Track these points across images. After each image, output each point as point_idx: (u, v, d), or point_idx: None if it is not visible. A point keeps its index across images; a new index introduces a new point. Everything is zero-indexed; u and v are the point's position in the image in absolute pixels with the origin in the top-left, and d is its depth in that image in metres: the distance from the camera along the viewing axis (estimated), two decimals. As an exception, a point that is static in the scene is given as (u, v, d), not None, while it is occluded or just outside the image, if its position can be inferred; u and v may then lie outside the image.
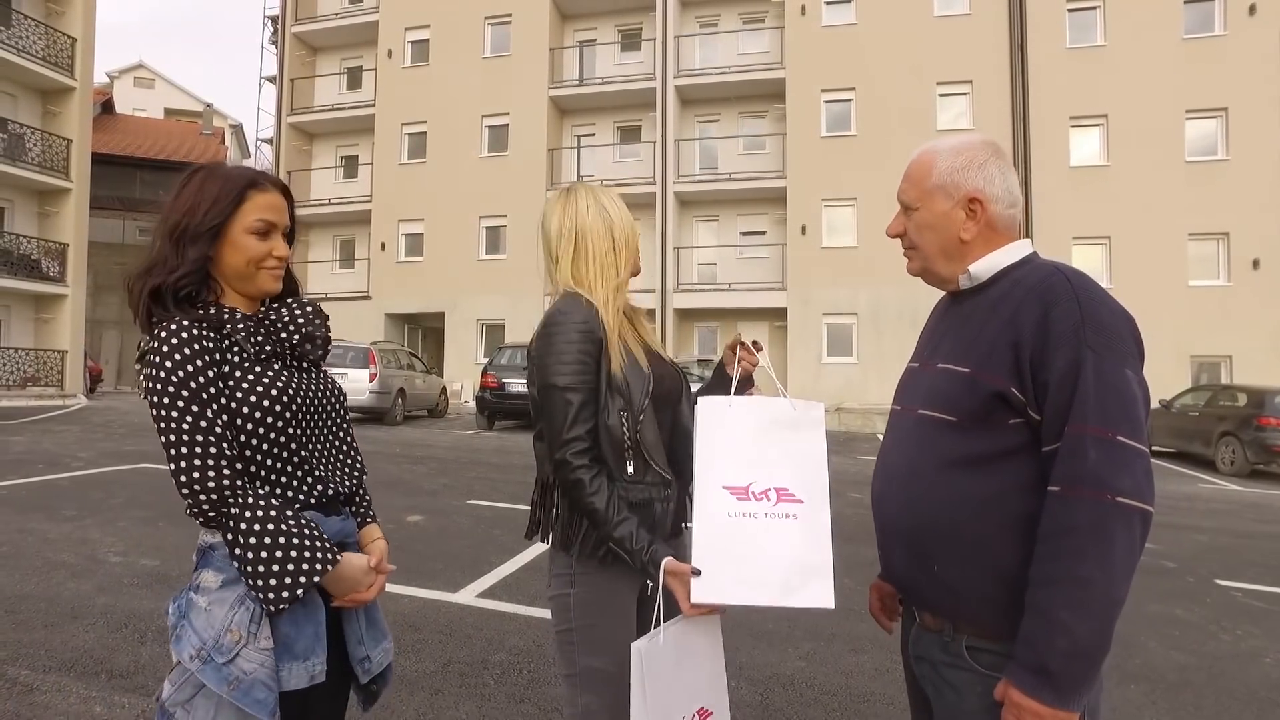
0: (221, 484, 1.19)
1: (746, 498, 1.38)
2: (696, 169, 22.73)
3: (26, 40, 20.14)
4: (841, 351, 20.33)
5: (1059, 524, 1.08)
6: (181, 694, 1.20)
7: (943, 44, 19.96)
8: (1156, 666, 3.55)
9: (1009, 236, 1.30)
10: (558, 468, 1.51)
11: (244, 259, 1.32)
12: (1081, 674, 1.06)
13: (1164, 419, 13.45)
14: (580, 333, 1.52)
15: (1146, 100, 18.70)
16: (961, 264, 1.30)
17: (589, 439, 1.50)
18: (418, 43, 24.34)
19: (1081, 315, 1.12)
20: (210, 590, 1.24)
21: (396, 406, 15.07)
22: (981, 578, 1.18)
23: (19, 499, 6.35)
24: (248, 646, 1.19)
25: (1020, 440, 1.16)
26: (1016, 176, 1.31)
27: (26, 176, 19.95)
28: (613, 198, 1.65)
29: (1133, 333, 1.15)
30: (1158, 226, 18.36)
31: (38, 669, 3.07)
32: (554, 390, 1.51)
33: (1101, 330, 1.12)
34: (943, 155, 1.30)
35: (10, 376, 19.17)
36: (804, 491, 1.39)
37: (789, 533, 1.36)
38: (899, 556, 1.31)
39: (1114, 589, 1.05)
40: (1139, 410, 1.10)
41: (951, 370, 1.24)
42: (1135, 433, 1.08)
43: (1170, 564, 5.53)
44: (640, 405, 1.53)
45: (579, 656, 1.54)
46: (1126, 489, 1.06)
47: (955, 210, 1.28)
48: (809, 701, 3.03)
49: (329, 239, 26.26)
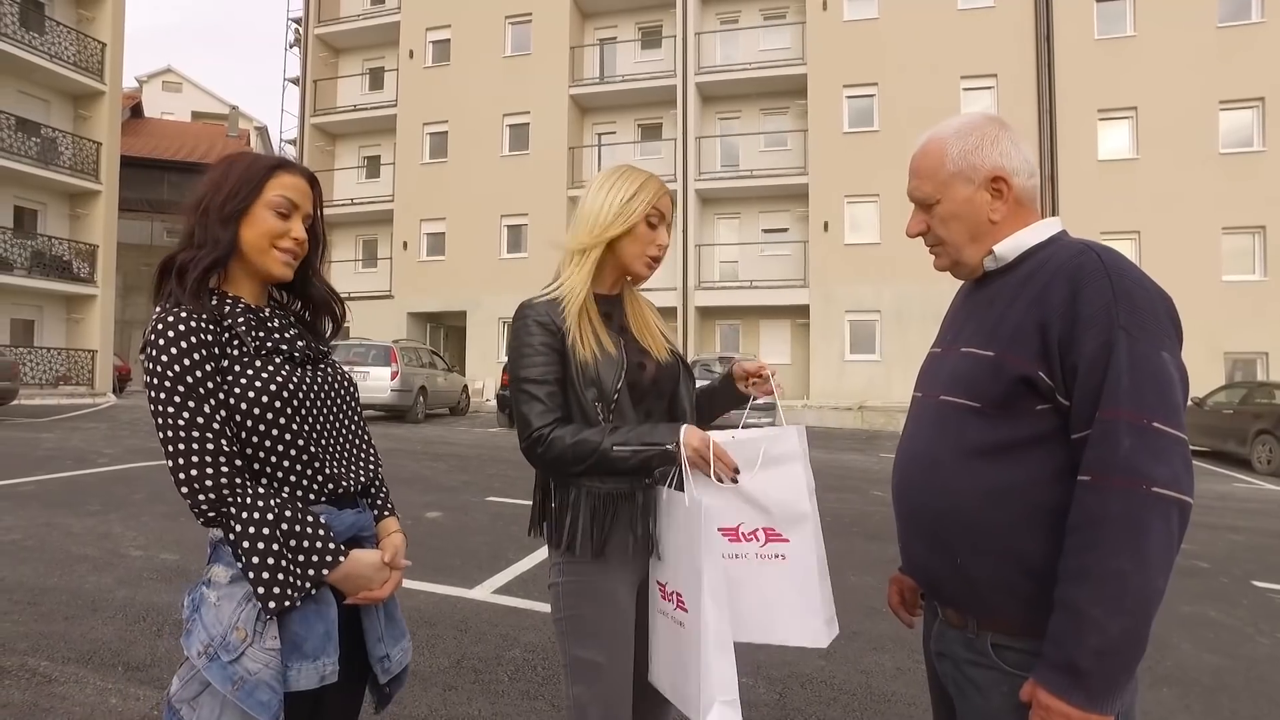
0: (220, 482, 1.15)
1: (738, 539, 1.40)
2: (718, 166, 22.62)
3: (58, 46, 20.54)
4: (865, 349, 20.12)
5: (1090, 515, 1.01)
6: (188, 690, 1.17)
7: (967, 37, 19.68)
8: (1190, 669, 3.43)
9: (1033, 209, 1.24)
10: (528, 454, 1.47)
11: (259, 233, 1.28)
12: (1115, 674, 0.99)
13: (1197, 417, 13.14)
14: (538, 324, 1.51)
15: (1178, 91, 18.29)
16: (990, 245, 1.23)
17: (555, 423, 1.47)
18: (439, 43, 24.47)
19: (1114, 294, 1.05)
20: (220, 585, 1.20)
21: (418, 404, 15.16)
22: (1007, 571, 1.12)
23: (46, 494, 6.44)
24: (253, 646, 1.15)
25: (1047, 427, 1.09)
26: (1027, 145, 1.25)
27: (58, 179, 20.36)
28: (624, 179, 1.56)
29: (1170, 313, 1.08)
30: (1190, 220, 17.95)
31: (57, 660, 3.09)
32: (520, 383, 1.49)
33: (1136, 310, 1.04)
34: (951, 140, 1.23)
35: (43, 375, 19.57)
36: (790, 529, 1.38)
37: (779, 574, 1.37)
38: (920, 550, 1.25)
39: (1149, 584, 0.98)
40: (1176, 395, 1.03)
41: (975, 354, 1.18)
42: (1172, 419, 1.01)
43: (1204, 564, 5.38)
44: (612, 388, 1.49)
45: (569, 646, 1.51)
46: (1163, 478, 0.99)
47: (979, 193, 1.22)
48: (828, 701, 2.96)
49: (352, 239, 26.50)
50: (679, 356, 1.66)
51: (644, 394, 1.56)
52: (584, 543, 1.47)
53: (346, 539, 1.30)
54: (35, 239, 20.21)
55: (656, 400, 1.60)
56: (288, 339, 1.32)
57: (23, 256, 19.71)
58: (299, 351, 1.32)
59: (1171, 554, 1.00)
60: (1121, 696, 1.01)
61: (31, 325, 20.77)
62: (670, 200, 1.60)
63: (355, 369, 14.46)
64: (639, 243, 1.56)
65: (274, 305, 1.40)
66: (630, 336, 1.60)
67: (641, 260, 1.57)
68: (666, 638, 1.46)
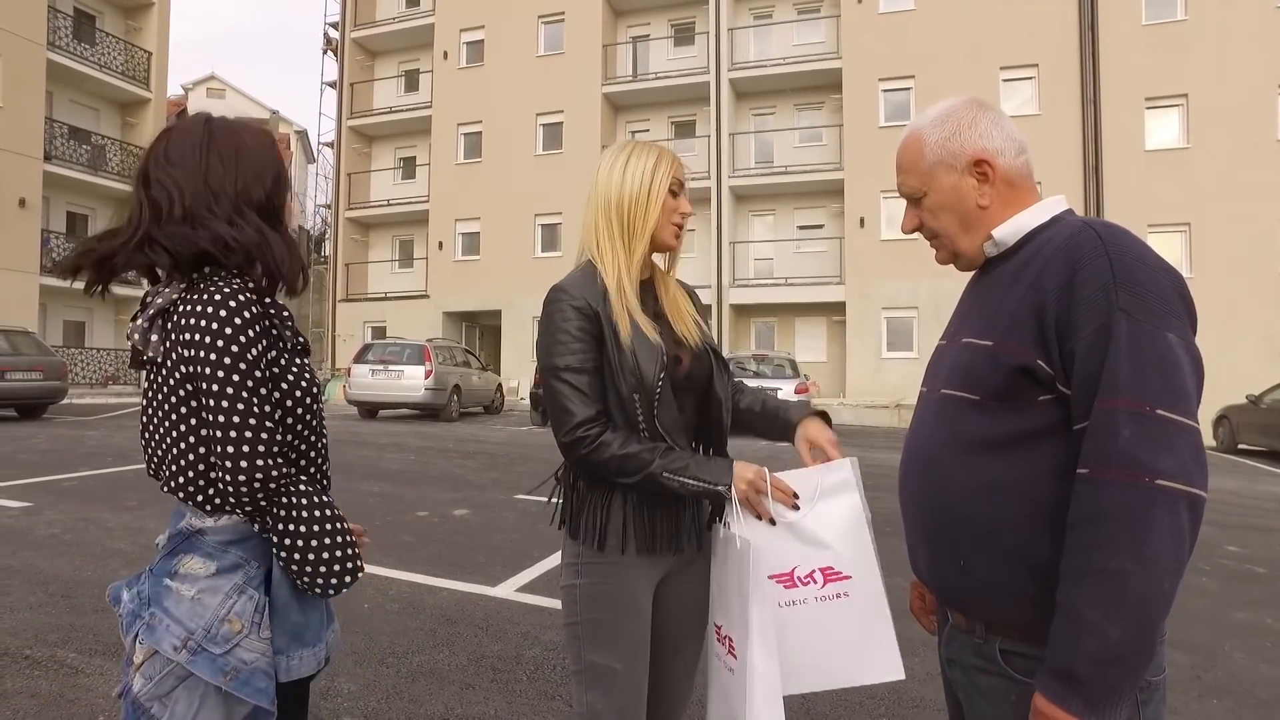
0: (278, 473, 1.16)
1: (794, 584, 1.34)
2: (752, 163, 22.44)
3: (107, 56, 21.19)
4: (902, 346, 19.77)
5: (1088, 511, 0.94)
6: (161, 687, 1.14)
7: (1006, 26, 19.21)
8: (1243, 680, 3.24)
9: (1028, 188, 1.17)
10: (568, 450, 1.40)
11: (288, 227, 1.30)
12: (1116, 682, 0.91)
13: (1253, 415, 12.64)
14: (575, 309, 1.42)
15: (1232, 77, 17.61)
16: (986, 232, 1.17)
17: (600, 420, 1.39)
18: (472, 43, 24.67)
19: (1113, 273, 0.97)
20: (198, 578, 1.18)
21: (452, 403, 15.28)
22: (1013, 573, 1.04)
23: (87, 489, 6.60)
24: (250, 637, 1.16)
25: (1051, 419, 1.02)
26: (1011, 122, 1.18)
27: (107, 185, 21.01)
28: (639, 154, 1.51)
29: (1178, 290, 0.99)
30: (1244, 211, 17.27)
31: (85, 652, 3.13)
32: (555, 372, 1.41)
33: (1137, 289, 0.96)
34: (928, 130, 1.19)
35: (93, 375, 20.20)
36: (850, 565, 1.32)
37: (843, 614, 1.31)
38: (925, 551, 1.18)
39: (1154, 586, 0.90)
40: (1184, 380, 0.94)
41: (974, 344, 1.11)
42: (1178, 406, 0.93)
43: (1260, 569, 5.12)
44: (654, 380, 1.40)
45: (585, 652, 1.45)
46: (1168, 469, 0.91)
47: (963, 179, 1.16)
48: (853, 706, 2.86)
49: (388, 239, 26.88)
50: (713, 348, 1.56)
51: (678, 389, 1.48)
52: (619, 540, 1.43)
53: None
54: (86, 243, 20.84)
55: (688, 396, 1.51)
56: (295, 329, 1.32)
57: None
58: (301, 343, 1.33)
59: (1182, 553, 0.91)
60: (1124, 704, 0.93)
61: (82, 327, 21.48)
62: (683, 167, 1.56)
63: (390, 368, 14.65)
64: (664, 213, 1.50)
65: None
66: (666, 324, 1.52)
67: (669, 230, 1.52)
68: (719, 684, 1.43)
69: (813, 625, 1.32)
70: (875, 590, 1.31)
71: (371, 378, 14.76)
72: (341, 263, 25.97)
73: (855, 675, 1.32)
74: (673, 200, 1.51)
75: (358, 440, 11.23)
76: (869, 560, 1.31)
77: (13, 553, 4.52)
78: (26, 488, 6.55)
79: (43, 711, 2.62)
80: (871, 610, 1.31)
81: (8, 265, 18.24)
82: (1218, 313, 16.96)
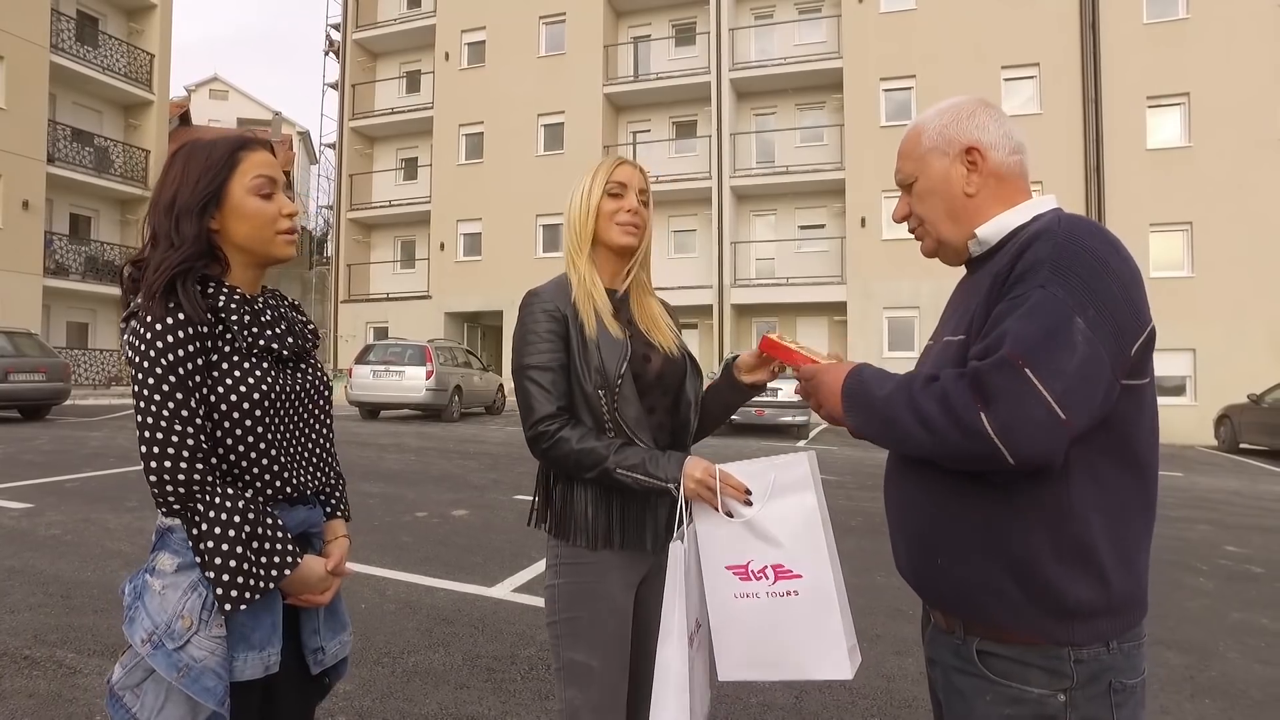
0: (192, 477, 1.16)
1: (748, 577, 1.37)
2: (753, 163, 22.42)
3: (110, 59, 21.25)
4: (903, 346, 19.73)
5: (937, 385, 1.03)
6: (132, 678, 1.17)
7: (1007, 25, 19.17)
8: (1237, 680, 3.25)
9: (1018, 187, 1.18)
10: (532, 445, 1.47)
11: (255, 225, 1.27)
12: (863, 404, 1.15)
13: (1255, 415, 12.63)
14: (545, 312, 1.52)
15: (1235, 75, 17.54)
16: (970, 226, 1.17)
17: (561, 416, 1.46)
18: (474, 44, 24.67)
19: (1053, 254, 0.99)
20: (165, 574, 1.21)
21: (453, 403, 15.30)
22: (990, 569, 1.05)
23: (90, 490, 6.63)
24: (199, 634, 1.16)
25: None
26: (1014, 124, 1.20)
27: (110, 186, 21.08)
28: (583, 177, 1.63)
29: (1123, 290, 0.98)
30: (1247, 210, 17.21)
31: (83, 652, 3.15)
32: (524, 370, 1.50)
33: (1066, 272, 0.97)
34: (929, 120, 1.23)
35: (96, 376, 20.26)
36: (801, 563, 1.33)
37: (792, 611, 1.34)
38: (905, 550, 1.20)
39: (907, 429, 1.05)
40: (1067, 359, 0.93)
41: (952, 341, 1.13)
42: (1050, 381, 0.92)
43: (1257, 569, 5.12)
44: (615, 373, 1.47)
45: (563, 649, 1.49)
46: (998, 415, 0.94)
47: (954, 166, 1.18)
48: (845, 705, 2.87)
49: (390, 240, 26.90)
50: (687, 354, 1.65)
51: (649, 387, 1.55)
52: (586, 538, 1.47)
53: (296, 535, 1.31)
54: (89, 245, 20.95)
55: (661, 396, 1.58)
56: (277, 335, 1.31)
57: (78, 262, 20.45)
58: (286, 349, 1.32)
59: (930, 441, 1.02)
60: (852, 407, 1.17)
61: (86, 328, 21.54)
62: (630, 169, 1.61)
63: (391, 368, 14.67)
64: (603, 217, 1.59)
65: (266, 294, 1.39)
66: (636, 329, 1.60)
67: (613, 230, 1.59)
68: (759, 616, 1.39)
69: (764, 619, 1.34)
70: (826, 591, 1.31)
71: (373, 378, 14.80)
72: (344, 263, 26.02)
73: (802, 671, 1.34)
74: (613, 202, 1.59)
75: (359, 440, 11.26)
76: (822, 560, 1.32)
77: (14, 554, 4.55)
78: (29, 489, 6.59)
79: (40, 711, 2.64)
80: (821, 610, 1.31)
81: (11, 267, 18.31)
82: (1223, 312, 16.94)
